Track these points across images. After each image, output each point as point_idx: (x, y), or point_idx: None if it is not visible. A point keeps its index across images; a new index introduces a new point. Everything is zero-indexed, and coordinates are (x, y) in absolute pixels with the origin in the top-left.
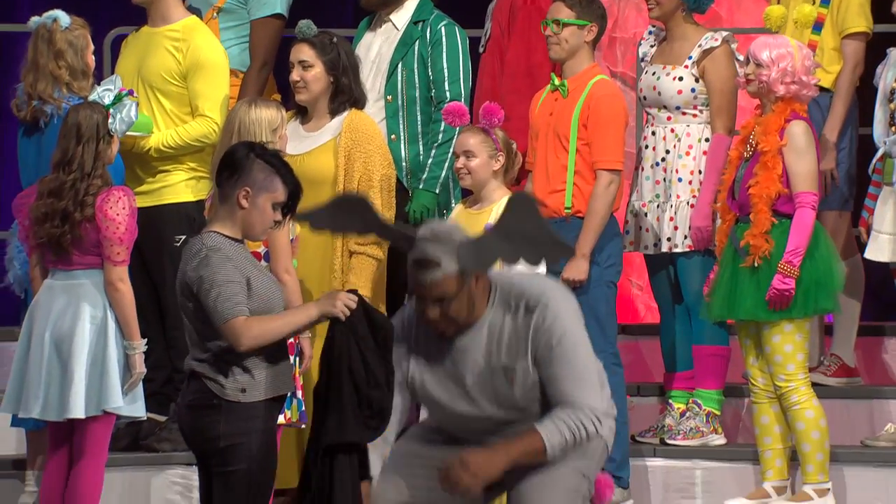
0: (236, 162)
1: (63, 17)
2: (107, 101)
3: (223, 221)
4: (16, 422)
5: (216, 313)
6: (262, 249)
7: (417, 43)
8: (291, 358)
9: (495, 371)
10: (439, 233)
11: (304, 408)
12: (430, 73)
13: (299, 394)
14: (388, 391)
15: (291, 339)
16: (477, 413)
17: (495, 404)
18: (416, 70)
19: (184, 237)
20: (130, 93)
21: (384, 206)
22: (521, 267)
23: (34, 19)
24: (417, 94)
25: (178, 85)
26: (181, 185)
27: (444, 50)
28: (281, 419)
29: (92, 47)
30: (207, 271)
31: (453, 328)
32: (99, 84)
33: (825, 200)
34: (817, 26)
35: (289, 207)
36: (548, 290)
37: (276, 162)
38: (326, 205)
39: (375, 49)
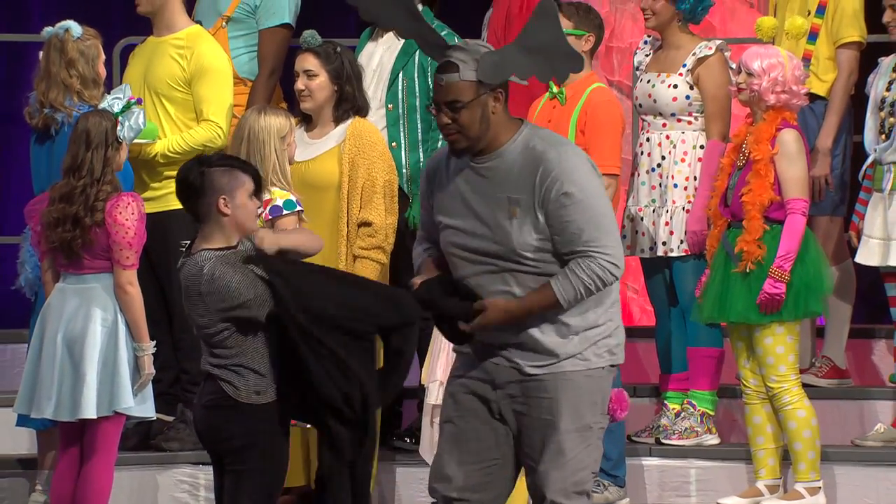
0: (194, 185)
1: (75, 28)
2: (116, 109)
3: (210, 238)
4: (21, 422)
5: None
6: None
7: (418, 53)
8: None
9: (500, 201)
10: (470, 43)
11: None
12: (429, 82)
13: None
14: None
15: None
16: (483, 248)
17: (495, 241)
18: (416, 79)
19: (189, 242)
20: (139, 101)
21: (387, 211)
22: None
23: (47, 29)
24: (417, 103)
25: (183, 91)
26: None
27: None
28: None
29: (103, 57)
30: (222, 286)
31: (464, 141)
32: (109, 93)
33: (818, 205)
34: (812, 36)
35: (257, 190)
36: (568, 147)
37: (224, 160)
38: None
39: (377, 59)
